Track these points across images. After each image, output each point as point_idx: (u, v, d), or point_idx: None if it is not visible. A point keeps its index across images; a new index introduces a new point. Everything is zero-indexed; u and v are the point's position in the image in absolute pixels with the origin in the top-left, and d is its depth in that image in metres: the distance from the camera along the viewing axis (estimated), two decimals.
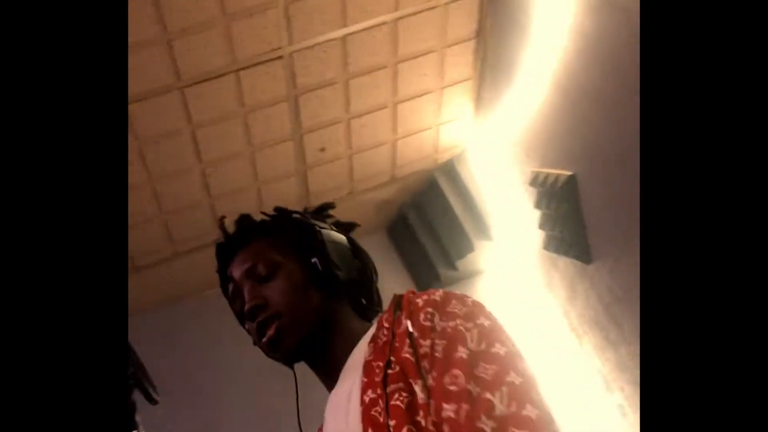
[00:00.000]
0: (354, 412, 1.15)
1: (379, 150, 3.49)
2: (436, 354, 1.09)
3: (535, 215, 3.11)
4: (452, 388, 1.03)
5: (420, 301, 1.18)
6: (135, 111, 2.89)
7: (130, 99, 2.85)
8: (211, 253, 1.46)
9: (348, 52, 3.07)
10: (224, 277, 1.41)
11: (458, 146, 3.64)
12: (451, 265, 3.66)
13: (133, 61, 2.75)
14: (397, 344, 1.15)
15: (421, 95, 3.36)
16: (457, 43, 3.25)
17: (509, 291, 3.53)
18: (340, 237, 1.44)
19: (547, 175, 2.97)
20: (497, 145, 3.42)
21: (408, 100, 3.34)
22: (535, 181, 3.04)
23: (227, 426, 3.34)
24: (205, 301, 3.60)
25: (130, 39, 2.69)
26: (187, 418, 3.28)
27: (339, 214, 1.55)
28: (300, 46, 2.97)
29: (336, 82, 3.15)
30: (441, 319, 1.13)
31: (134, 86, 2.82)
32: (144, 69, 2.79)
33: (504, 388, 1.02)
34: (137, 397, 1.21)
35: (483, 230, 3.59)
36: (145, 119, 2.94)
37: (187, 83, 2.90)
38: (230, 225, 1.45)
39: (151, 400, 1.24)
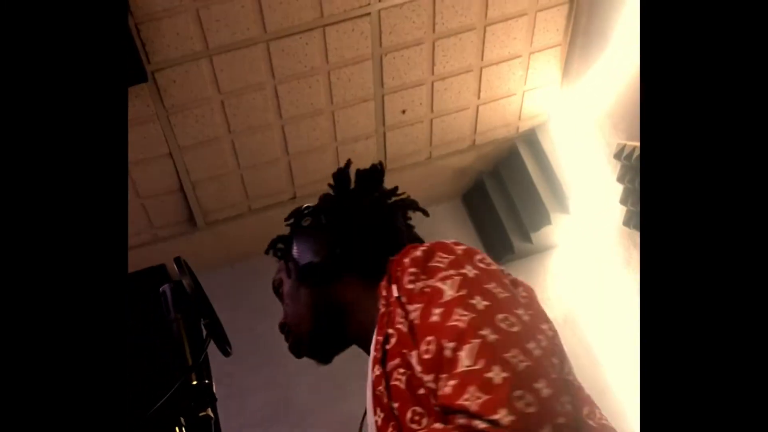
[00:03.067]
0: (369, 390, 1.11)
1: (460, 115, 3.42)
2: (416, 321, 1.02)
3: (618, 190, 3.01)
4: (426, 357, 0.97)
5: (407, 261, 1.09)
6: (219, 62, 2.90)
7: (216, 50, 2.85)
8: (284, 212, 1.46)
9: (437, 11, 2.99)
10: None
11: (542, 115, 3.54)
12: (526, 237, 3.59)
13: (221, 11, 2.75)
14: (391, 315, 1.08)
15: (508, 60, 3.26)
16: (549, 8, 3.14)
17: (585, 267, 3.45)
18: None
19: (634, 149, 2.86)
20: (583, 115, 3.31)
21: (494, 64, 3.26)
22: (620, 154, 2.94)
23: (291, 386, 3.37)
24: (276, 260, 3.62)
25: None
26: (250, 376, 3.32)
27: (416, 179, 1.49)
28: (389, 4, 2.92)
29: (422, 43, 3.08)
30: (424, 278, 1.05)
31: (221, 38, 2.82)
32: (231, 20, 2.79)
33: (475, 342, 0.94)
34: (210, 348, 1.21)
35: (561, 203, 3.50)
36: (228, 72, 2.94)
37: (272, 36, 2.88)
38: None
39: (225, 352, 1.24)
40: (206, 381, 1.15)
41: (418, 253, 1.09)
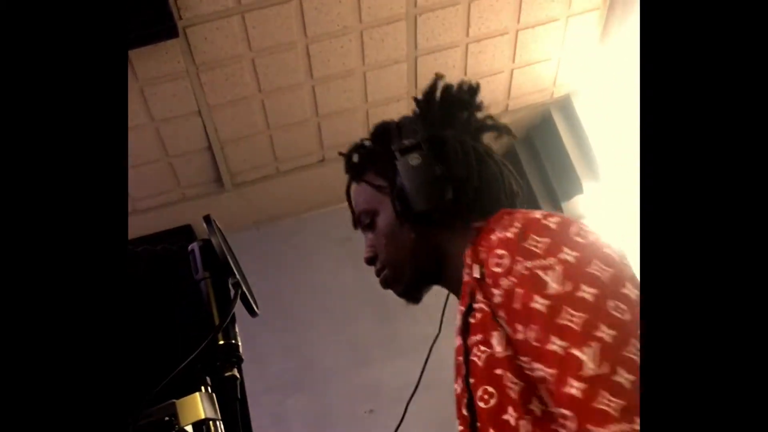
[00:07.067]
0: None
1: (494, 79, 3.35)
2: (514, 305, 0.98)
3: None
4: (536, 344, 0.94)
5: (494, 239, 1.05)
6: (251, 19, 2.85)
7: (248, 7, 2.80)
8: (312, 174, 1.43)
9: None
10: None
11: (577, 80, 3.46)
12: (557, 206, 3.53)
13: None
14: (473, 290, 1.07)
15: (545, 23, 3.18)
16: None
17: (613, 237, 3.39)
18: (424, 159, 1.23)
19: None
20: (620, 82, 3.23)
21: (530, 27, 3.18)
22: None
23: (313, 350, 3.36)
24: (302, 223, 3.60)
25: None
26: (272, 339, 3.32)
27: None
28: None
29: (458, 3, 3.01)
30: (516, 261, 1.00)
31: None
32: None
33: (593, 345, 0.90)
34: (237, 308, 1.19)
35: (594, 173, 3.43)
36: (260, 29, 2.90)
37: None
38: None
39: (252, 312, 1.22)
40: (233, 341, 1.13)
41: (509, 234, 1.04)
